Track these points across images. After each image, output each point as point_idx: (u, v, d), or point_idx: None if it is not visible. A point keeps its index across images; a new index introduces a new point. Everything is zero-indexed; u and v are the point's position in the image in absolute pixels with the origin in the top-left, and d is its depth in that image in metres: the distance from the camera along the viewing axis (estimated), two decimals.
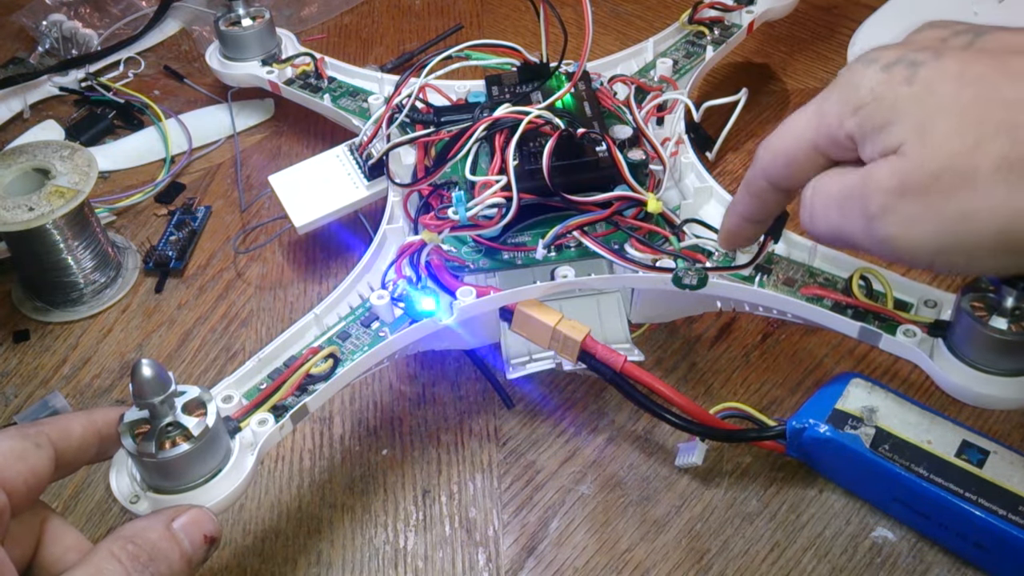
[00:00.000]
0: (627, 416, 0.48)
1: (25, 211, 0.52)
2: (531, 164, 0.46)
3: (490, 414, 0.49)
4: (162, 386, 0.34)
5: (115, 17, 0.79)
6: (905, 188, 0.29)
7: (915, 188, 0.29)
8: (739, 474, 0.45)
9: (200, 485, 0.36)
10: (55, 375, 0.53)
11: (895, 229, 0.29)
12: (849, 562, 0.42)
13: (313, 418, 0.50)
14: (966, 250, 0.29)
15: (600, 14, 0.77)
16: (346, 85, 0.62)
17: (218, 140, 0.68)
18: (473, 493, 0.46)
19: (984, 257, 0.29)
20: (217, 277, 0.58)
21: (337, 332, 0.44)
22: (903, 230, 0.29)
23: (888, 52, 0.30)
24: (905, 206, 0.29)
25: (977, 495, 0.39)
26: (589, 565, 0.43)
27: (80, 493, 0.47)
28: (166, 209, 0.63)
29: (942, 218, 0.28)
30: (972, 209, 0.28)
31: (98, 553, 0.31)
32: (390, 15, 0.81)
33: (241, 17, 0.65)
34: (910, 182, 0.29)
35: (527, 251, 0.46)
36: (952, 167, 0.28)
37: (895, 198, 0.29)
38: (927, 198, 0.28)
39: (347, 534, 0.45)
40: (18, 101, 0.72)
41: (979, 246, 0.28)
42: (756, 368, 0.50)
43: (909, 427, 0.41)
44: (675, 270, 0.44)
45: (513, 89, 0.53)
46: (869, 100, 0.30)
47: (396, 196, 0.51)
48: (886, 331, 0.41)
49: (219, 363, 0.53)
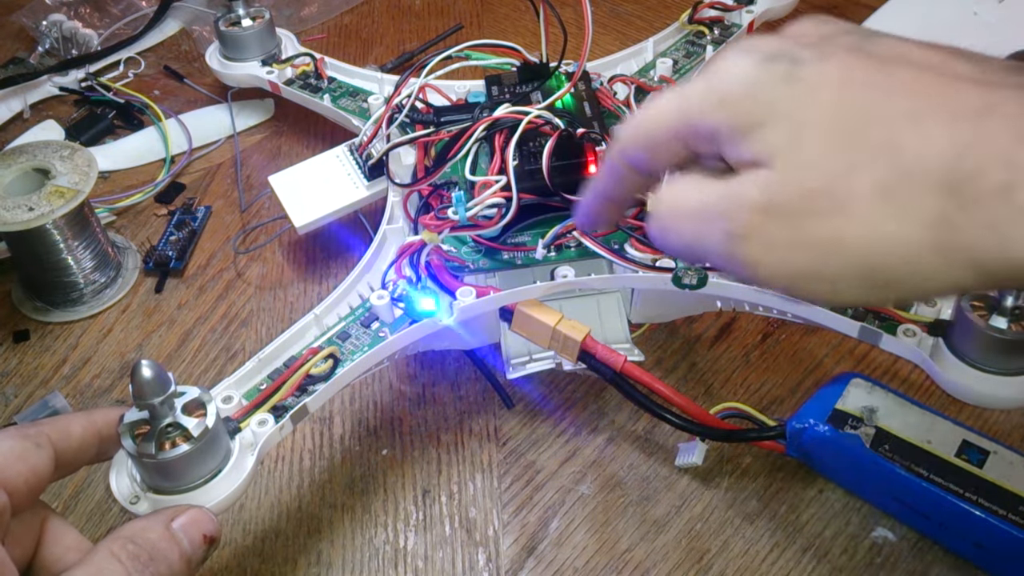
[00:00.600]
0: (627, 416, 0.48)
1: (25, 211, 0.52)
2: (531, 164, 0.46)
3: (490, 414, 0.49)
4: (162, 387, 0.34)
5: (115, 17, 0.79)
6: (773, 208, 0.26)
7: (784, 209, 0.26)
8: (739, 474, 0.45)
9: (200, 485, 0.36)
10: (55, 375, 0.53)
11: (758, 252, 0.26)
12: (849, 562, 0.42)
13: (313, 418, 0.50)
14: (830, 278, 0.26)
15: (600, 14, 0.77)
16: (346, 85, 0.62)
17: (218, 140, 0.68)
18: (473, 493, 0.46)
19: (847, 288, 0.26)
20: (217, 277, 0.58)
21: (337, 332, 0.44)
22: (766, 253, 0.26)
23: (767, 43, 0.28)
24: (771, 227, 0.26)
25: (977, 495, 0.39)
26: (589, 565, 0.43)
27: (80, 493, 0.47)
28: (166, 209, 0.63)
29: (810, 244, 0.26)
30: (842, 236, 0.25)
31: (98, 553, 0.31)
32: (390, 15, 0.81)
33: (241, 17, 0.65)
34: (779, 201, 0.26)
35: (527, 251, 0.46)
36: (826, 189, 0.25)
37: (761, 218, 0.26)
38: (796, 220, 0.26)
39: (347, 534, 0.45)
40: (18, 101, 0.72)
41: (844, 276, 0.26)
42: (756, 368, 0.50)
43: (909, 427, 0.41)
44: (675, 270, 0.44)
45: (513, 89, 0.53)
46: (740, 95, 0.27)
47: (396, 196, 0.51)
48: (886, 331, 0.41)
49: (219, 363, 0.53)
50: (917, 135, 0.24)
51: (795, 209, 0.26)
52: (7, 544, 0.32)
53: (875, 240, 0.25)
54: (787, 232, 0.26)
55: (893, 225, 0.24)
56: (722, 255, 0.28)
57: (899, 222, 0.24)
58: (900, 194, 0.24)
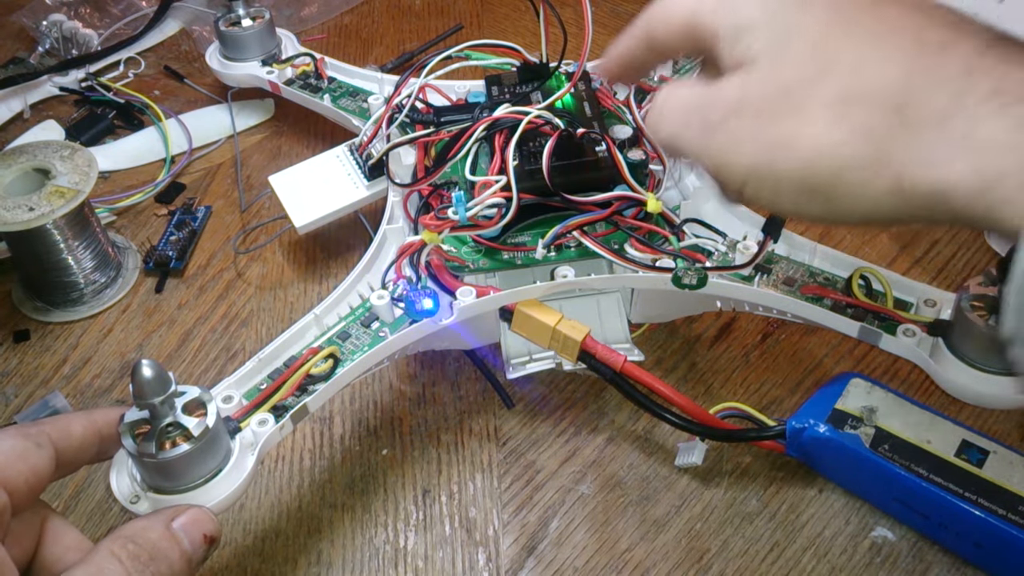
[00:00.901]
0: (627, 416, 0.48)
1: (25, 211, 0.52)
2: (531, 164, 0.46)
3: (490, 414, 0.49)
4: (162, 386, 0.34)
5: (115, 17, 0.79)
6: (743, 104, 0.29)
7: (753, 106, 0.28)
8: (739, 474, 0.46)
9: (200, 485, 0.36)
10: (55, 375, 0.53)
11: (723, 142, 0.29)
12: (849, 562, 0.42)
13: (313, 418, 0.50)
14: (775, 179, 0.28)
15: (600, 14, 0.77)
16: (346, 85, 0.62)
17: (218, 140, 0.68)
18: (473, 493, 0.46)
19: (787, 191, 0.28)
20: (217, 277, 0.58)
21: (337, 332, 0.44)
22: (730, 145, 0.29)
23: None
24: (739, 122, 0.29)
25: (976, 495, 0.39)
26: (589, 565, 0.43)
27: (80, 493, 0.47)
28: (166, 209, 0.63)
29: (766, 140, 0.28)
30: (791, 136, 0.27)
31: (98, 552, 0.31)
32: (390, 15, 0.81)
33: (241, 17, 0.65)
34: (749, 98, 0.29)
35: (527, 251, 0.46)
36: (791, 91, 0.28)
37: (732, 113, 0.29)
38: (760, 118, 0.28)
39: (347, 534, 0.45)
40: (18, 101, 0.72)
41: (787, 177, 0.28)
42: (756, 368, 0.50)
43: (909, 427, 0.41)
44: (675, 270, 0.44)
45: (513, 89, 0.53)
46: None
47: (396, 196, 0.51)
48: (886, 331, 0.42)
49: (219, 363, 0.53)
50: (879, 56, 0.26)
51: (761, 107, 0.28)
52: (7, 543, 0.32)
53: (818, 144, 0.27)
54: (750, 127, 0.28)
55: (837, 134, 0.27)
56: (696, 144, 0.31)
57: (843, 131, 0.27)
58: (851, 106, 0.27)
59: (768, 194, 0.29)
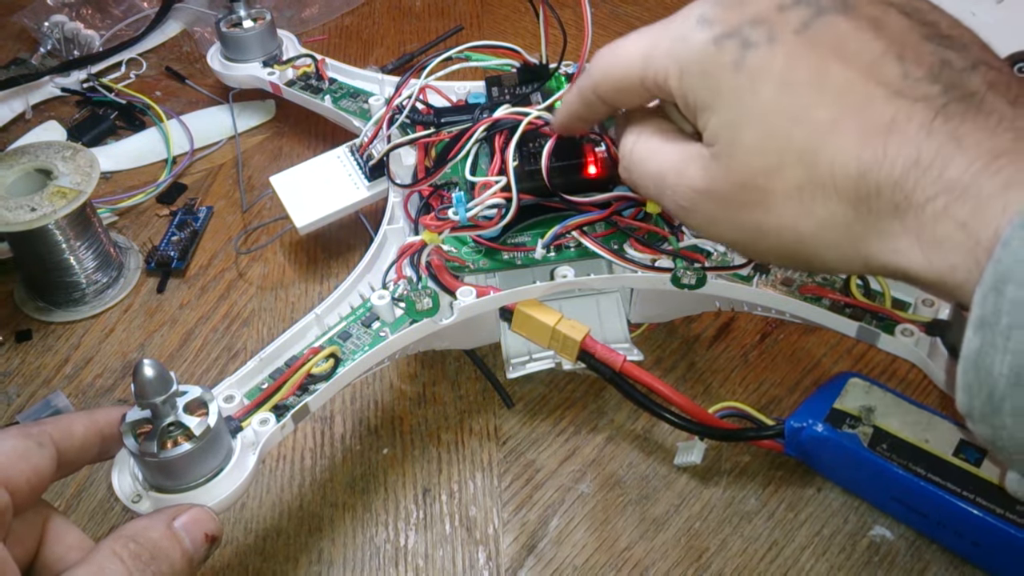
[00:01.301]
0: (626, 415, 0.48)
1: (27, 211, 0.52)
2: (531, 165, 0.46)
3: (490, 413, 0.50)
4: (164, 386, 0.35)
5: (117, 18, 0.80)
6: (711, 193, 0.30)
7: (720, 195, 0.30)
8: (738, 473, 0.46)
9: (202, 484, 0.36)
10: (57, 375, 0.53)
11: (700, 223, 0.32)
12: (847, 560, 0.42)
13: (314, 417, 0.50)
14: (758, 253, 0.32)
15: (600, 15, 0.77)
16: (347, 86, 0.62)
17: (219, 141, 0.69)
18: (473, 492, 0.46)
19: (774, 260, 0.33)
20: (219, 277, 0.58)
21: (338, 332, 0.44)
22: (707, 225, 0.32)
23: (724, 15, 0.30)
24: (710, 207, 0.31)
25: (974, 494, 0.39)
26: (589, 563, 0.43)
27: (82, 492, 0.47)
28: (168, 209, 0.63)
29: (740, 226, 0.30)
30: (762, 225, 0.29)
31: (100, 552, 0.31)
32: (391, 16, 0.81)
33: (242, 19, 0.65)
34: (714, 189, 0.30)
35: (527, 251, 0.47)
36: (752, 185, 0.29)
37: (703, 198, 0.31)
38: (730, 206, 0.30)
39: (348, 532, 0.45)
40: (20, 102, 0.72)
41: (768, 253, 0.31)
42: (755, 367, 0.50)
43: (907, 426, 0.41)
44: (674, 270, 0.44)
45: (513, 90, 0.53)
46: (695, 73, 0.30)
47: (397, 197, 0.51)
48: (884, 330, 0.42)
49: (221, 363, 0.53)
50: (833, 145, 0.27)
51: (728, 197, 0.30)
52: (9, 543, 0.32)
53: (789, 234, 0.29)
54: (722, 214, 0.31)
55: (805, 226, 0.28)
56: (675, 215, 0.34)
57: (811, 224, 0.28)
58: (812, 198, 0.28)
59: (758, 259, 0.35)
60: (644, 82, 0.32)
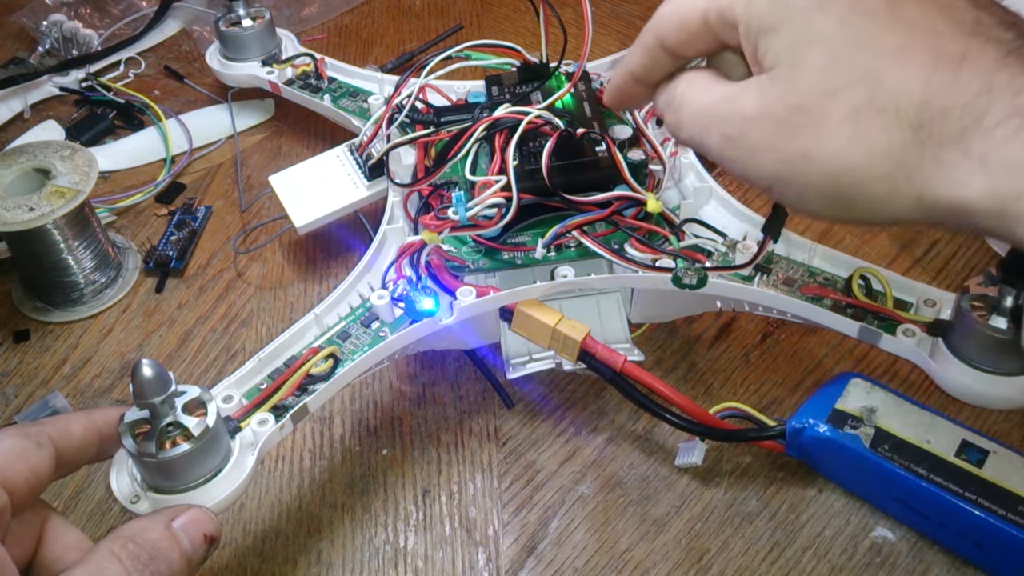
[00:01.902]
0: (627, 416, 0.48)
1: (25, 211, 0.52)
2: (531, 164, 0.46)
3: (490, 414, 0.49)
4: (162, 386, 0.34)
5: (115, 17, 0.79)
6: (762, 118, 0.29)
7: (771, 120, 0.29)
8: (739, 474, 0.46)
9: (200, 485, 0.36)
10: (55, 375, 0.53)
11: (744, 154, 0.30)
12: (849, 562, 0.42)
13: (313, 418, 0.50)
14: (798, 187, 0.29)
15: (600, 14, 0.77)
16: (346, 85, 0.62)
17: (218, 140, 0.68)
18: (473, 493, 0.46)
19: (812, 199, 0.29)
20: (217, 277, 0.58)
21: (337, 332, 0.44)
22: (750, 156, 0.30)
23: None
24: (758, 134, 0.29)
25: (976, 495, 0.39)
26: (589, 565, 0.43)
27: (81, 493, 0.47)
28: (166, 209, 0.63)
29: (786, 154, 0.29)
30: (811, 151, 0.28)
31: (98, 552, 0.31)
32: (390, 15, 0.81)
33: (241, 17, 0.65)
34: (767, 113, 0.29)
35: (527, 251, 0.46)
36: (808, 106, 0.28)
37: (751, 127, 0.30)
38: (777, 132, 0.29)
39: (347, 534, 0.45)
40: (18, 101, 0.72)
41: (809, 186, 0.29)
42: (756, 368, 0.50)
43: (908, 427, 0.41)
44: (675, 270, 0.44)
45: (513, 89, 0.53)
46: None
47: (396, 196, 0.51)
48: (886, 331, 0.41)
49: (219, 363, 0.53)
50: (898, 71, 0.26)
51: (781, 120, 0.29)
52: (7, 543, 0.32)
53: (838, 161, 0.28)
54: (770, 140, 0.29)
55: (859, 151, 0.27)
56: (717, 152, 0.31)
57: (864, 149, 0.27)
58: (869, 123, 0.27)
59: (793, 198, 0.30)
60: (707, 16, 0.31)
